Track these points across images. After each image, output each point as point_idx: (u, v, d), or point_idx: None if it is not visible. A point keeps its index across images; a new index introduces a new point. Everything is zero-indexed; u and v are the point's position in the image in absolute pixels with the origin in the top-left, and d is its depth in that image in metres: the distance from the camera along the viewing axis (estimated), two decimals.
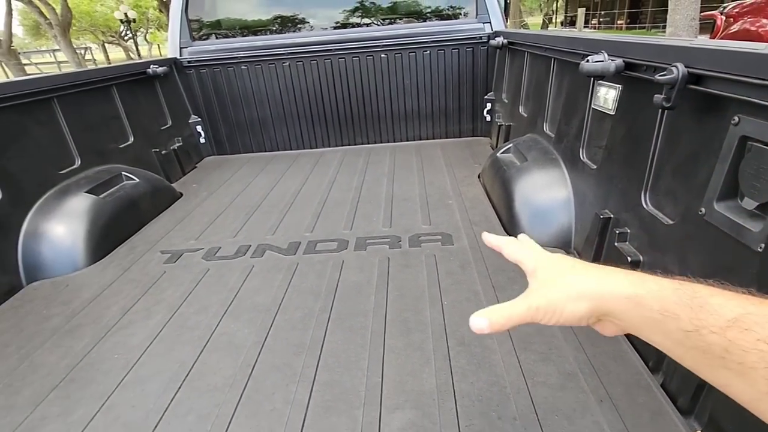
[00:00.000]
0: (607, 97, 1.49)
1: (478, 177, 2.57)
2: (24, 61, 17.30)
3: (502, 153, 2.29)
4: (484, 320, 0.49)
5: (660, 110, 1.17)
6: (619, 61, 1.31)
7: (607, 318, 0.47)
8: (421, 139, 3.45)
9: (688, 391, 1.01)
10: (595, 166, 1.59)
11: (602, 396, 1.07)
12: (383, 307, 1.47)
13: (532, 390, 1.10)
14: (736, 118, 0.91)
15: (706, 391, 0.97)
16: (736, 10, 5.53)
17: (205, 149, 3.46)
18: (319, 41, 3.17)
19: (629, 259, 1.28)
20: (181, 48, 3.23)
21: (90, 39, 32.79)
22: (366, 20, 3.32)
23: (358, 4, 3.31)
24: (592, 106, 1.61)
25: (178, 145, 3.09)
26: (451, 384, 1.14)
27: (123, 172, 2.34)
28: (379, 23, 3.32)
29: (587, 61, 1.38)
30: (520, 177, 1.98)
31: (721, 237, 0.94)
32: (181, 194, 2.69)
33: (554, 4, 30.18)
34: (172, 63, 3.18)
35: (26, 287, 1.77)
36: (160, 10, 23.33)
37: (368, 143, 3.45)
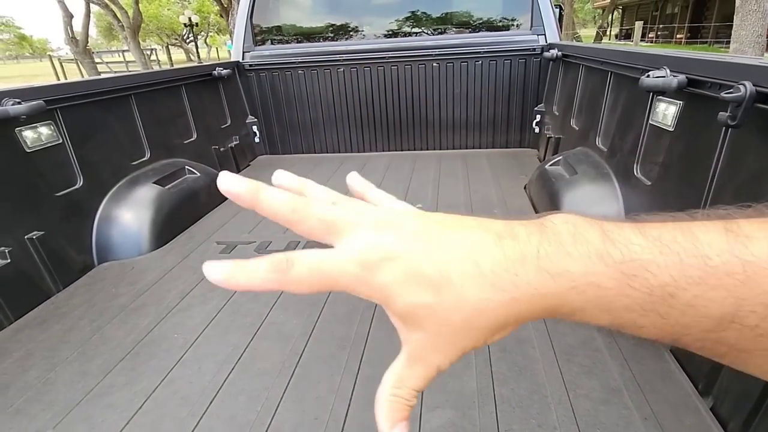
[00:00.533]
0: (666, 113, 1.47)
1: (525, 188, 2.56)
2: (96, 60, 18.65)
3: (550, 165, 2.28)
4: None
5: (724, 128, 1.14)
6: (682, 77, 1.29)
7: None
8: (467, 148, 3.46)
9: (740, 415, 0.98)
10: (649, 183, 1.56)
11: (647, 414, 1.05)
12: None
13: (573, 402, 1.10)
14: None
15: (761, 417, 0.94)
16: None
17: (259, 148, 3.63)
18: (373, 49, 3.27)
19: None
20: (244, 52, 3.41)
21: (155, 41, 34.93)
22: (419, 29, 3.38)
23: (412, 14, 3.38)
24: (650, 121, 1.58)
25: (235, 143, 3.26)
26: (492, 388, 1.16)
27: (186, 166, 2.51)
28: (432, 33, 3.37)
29: (648, 76, 1.37)
30: (568, 190, 1.96)
31: None
32: None
33: (609, 17, 29.24)
34: (235, 66, 3.37)
35: (97, 267, 1.94)
36: (221, 15, 24.53)
37: (415, 150, 3.50)
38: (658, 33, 26.89)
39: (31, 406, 1.19)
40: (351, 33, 3.45)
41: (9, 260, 1.59)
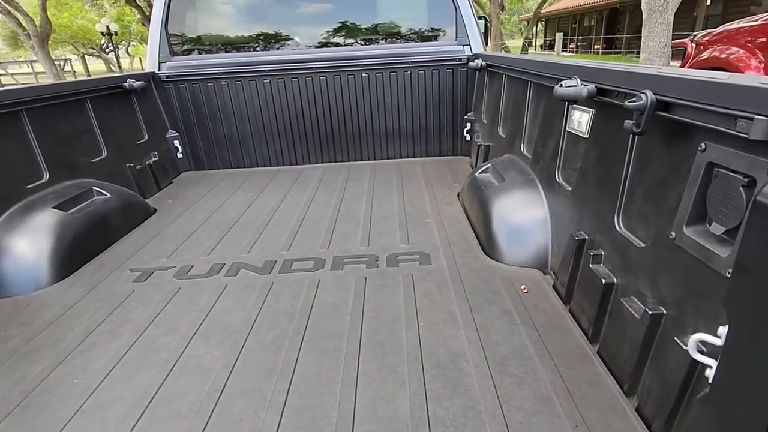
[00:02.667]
0: (581, 120, 1.52)
1: (458, 196, 2.58)
2: (0, 72, 16.90)
3: (480, 173, 2.31)
4: None
5: (630, 135, 1.19)
6: (592, 86, 1.33)
7: None
8: (401, 158, 3.46)
9: (662, 415, 1.01)
10: (570, 188, 1.61)
11: (577, 421, 1.05)
12: (358, 329, 1.44)
13: (507, 415, 1.08)
14: (703, 145, 0.93)
15: (680, 415, 0.97)
16: (707, 38, 5.77)
17: (183, 164, 3.40)
18: (301, 59, 3.18)
19: (603, 281, 1.28)
20: (159, 63, 3.19)
21: (70, 50, 32.35)
22: (347, 40, 3.35)
23: (340, 24, 3.34)
24: (567, 129, 1.64)
25: (154, 160, 3.03)
26: (426, 409, 1.11)
27: (94, 187, 2.28)
28: (360, 43, 3.35)
29: (561, 85, 1.41)
30: (497, 197, 1.99)
31: (691, 261, 0.95)
32: (155, 210, 2.62)
33: (534, 28, 31.17)
34: (150, 78, 3.14)
35: None
36: (143, 24, 23.22)
37: (349, 161, 3.45)
38: (578, 44, 29.03)
39: None
40: (277, 43, 3.34)
41: None
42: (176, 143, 3.33)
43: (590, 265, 1.36)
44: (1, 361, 1.38)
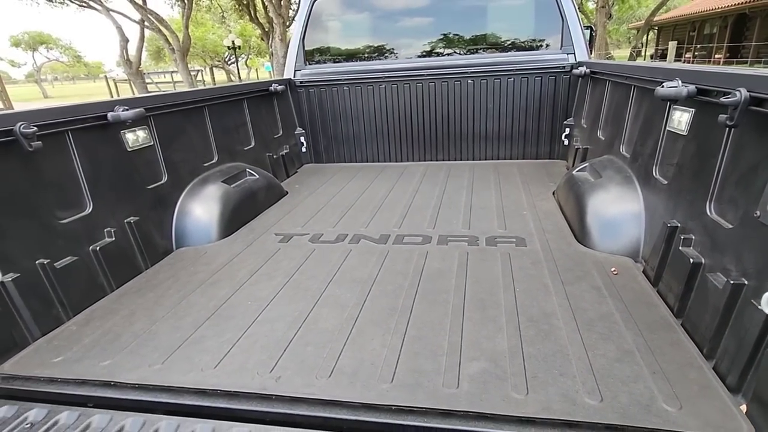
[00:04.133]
0: (681, 119, 1.66)
1: (553, 194, 2.74)
2: (147, 81, 19.96)
3: (577, 171, 2.47)
4: None
5: (726, 129, 1.33)
6: (692, 87, 1.48)
7: None
8: (499, 159, 3.67)
9: (737, 369, 1.15)
10: (666, 182, 1.74)
11: (655, 369, 1.23)
12: (462, 290, 1.71)
13: (592, 359, 1.29)
14: None
15: (753, 372, 1.11)
16: None
17: (305, 157, 3.95)
18: (412, 67, 3.56)
19: (692, 260, 1.42)
20: (295, 70, 3.77)
21: (198, 63, 36.85)
22: (456, 50, 3.66)
23: (449, 35, 3.66)
24: (667, 128, 1.77)
25: (285, 151, 3.60)
26: (521, 348, 1.36)
27: (247, 169, 2.83)
28: (467, 52, 3.64)
29: (662, 86, 1.57)
30: (593, 191, 2.15)
31: None
32: (287, 192, 3.14)
33: (644, 37, 28.91)
34: (287, 83, 3.73)
35: (176, 251, 2.25)
36: (262, 39, 25.78)
37: (449, 160, 3.74)
38: (695, 53, 26.38)
39: (141, 349, 1.47)
40: (391, 53, 3.76)
41: (114, 239, 1.91)
42: (302, 139, 3.89)
43: (680, 248, 1.50)
44: (195, 286, 1.88)
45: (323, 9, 3.75)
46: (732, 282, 1.20)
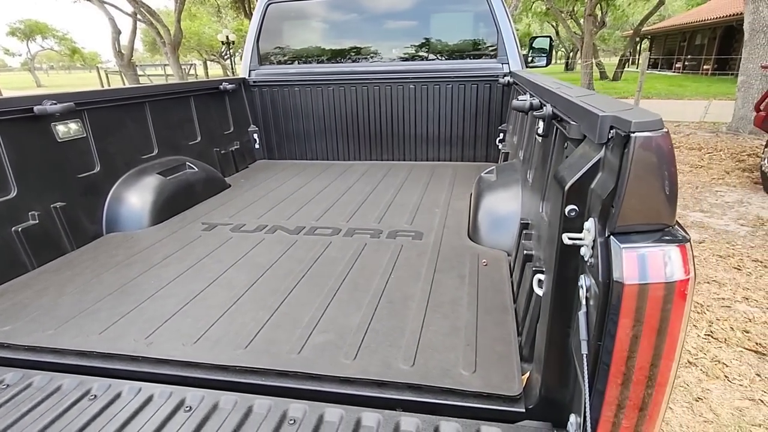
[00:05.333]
0: (539, 127, 1.86)
1: (470, 195, 2.95)
2: (139, 73, 20.05)
3: (486, 173, 2.67)
4: None
5: (550, 138, 1.54)
6: (536, 100, 1.69)
7: None
8: (438, 161, 3.88)
9: (528, 344, 1.35)
10: (531, 183, 1.94)
11: (470, 342, 1.43)
12: (344, 275, 1.91)
13: (423, 334, 1.48)
14: (566, 144, 1.27)
15: (535, 345, 1.31)
16: None
17: (258, 153, 4.14)
18: (359, 71, 3.75)
19: (525, 252, 1.62)
20: (250, 70, 3.96)
21: (195, 56, 36.92)
22: (398, 56, 3.86)
23: (392, 42, 3.86)
24: (535, 135, 1.97)
25: (236, 147, 3.78)
26: (368, 324, 1.55)
27: (187, 162, 3.02)
28: (409, 59, 3.83)
29: (517, 99, 1.77)
30: (488, 192, 2.35)
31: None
32: (230, 186, 3.33)
33: (637, 46, 29.22)
34: (241, 82, 3.91)
35: (105, 235, 2.44)
36: None
37: (392, 160, 3.94)
38: (685, 63, 26.74)
39: (42, 318, 1.65)
40: (339, 58, 3.95)
41: (37, 221, 2.09)
42: (255, 136, 4.08)
43: (523, 241, 1.70)
44: (111, 266, 2.06)
45: (277, 13, 3.93)
46: (534, 269, 1.40)
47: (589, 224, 0.91)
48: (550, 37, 5.01)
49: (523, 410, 1.18)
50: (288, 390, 1.30)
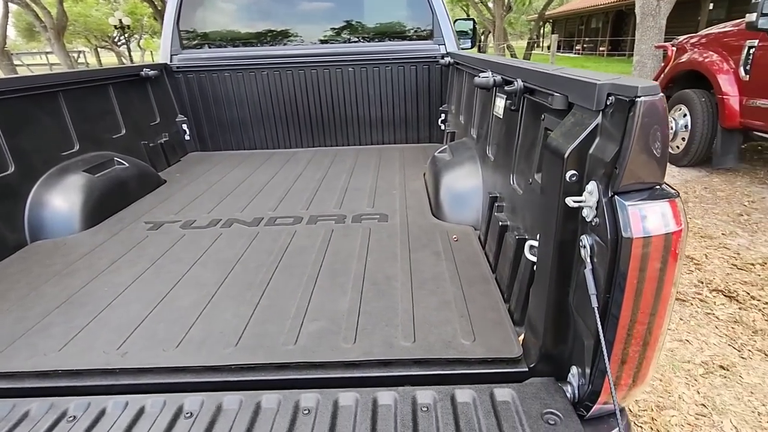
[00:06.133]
0: (499, 105, 1.94)
1: (424, 174, 3.01)
2: (16, 62, 17.51)
3: (439, 152, 2.73)
4: None
5: (519, 112, 1.61)
6: (499, 77, 1.75)
7: None
8: (383, 144, 3.89)
9: (519, 309, 1.43)
10: (493, 159, 2.03)
11: (463, 313, 1.48)
12: (320, 262, 1.87)
13: (415, 311, 1.51)
14: (543, 116, 1.35)
15: (528, 308, 1.39)
16: (689, 42, 6.14)
17: (190, 145, 3.85)
18: (294, 54, 3.62)
19: (500, 223, 1.70)
20: (171, 55, 3.64)
21: (82, 43, 33.04)
22: (336, 38, 3.78)
23: (330, 24, 3.77)
24: (493, 112, 2.06)
25: (164, 139, 3.48)
26: (358, 307, 1.54)
27: (115, 158, 2.73)
28: (347, 41, 3.78)
29: (479, 76, 1.83)
30: (446, 170, 2.41)
31: (536, 196, 1.37)
32: (165, 181, 3.07)
33: (541, 30, 31.37)
34: (163, 68, 3.59)
35: (31, 244, 2.14)
36: (155, 18, 23.79)
37: (337, 146, 3.88)
38: (584, 46, 29.23)
39: None
40: (273, 40, 3.78)
41: None
42: (184, 126, 3.78)
43: (495, 213, 1.79)
44: (49, 277, 1.82)
45: None
46: (517, 237, 1.48)
47: (591, 187, 0.97)
48: (473, 19, 5.21)
49: (526, 369, 1.25)
50: (294, 381, 1.25)
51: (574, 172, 1.01)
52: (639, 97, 0.84)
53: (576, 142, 1.00)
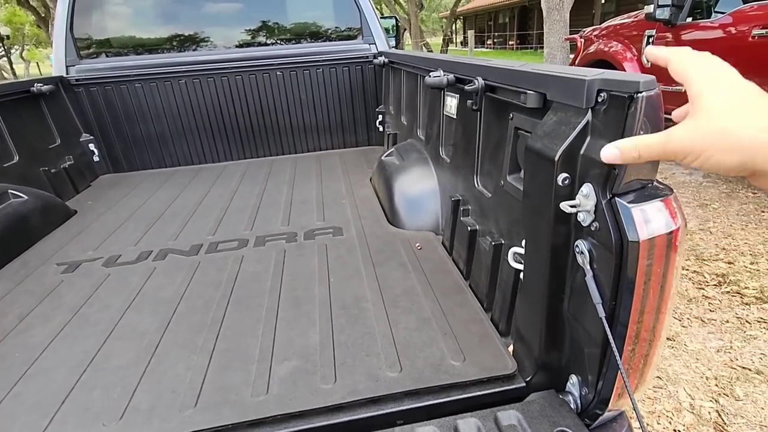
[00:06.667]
0: (451, 104, 1.87)
1: (370, 180, 2.89)
2: None
3: (386, 156, 2.63)
4: (613, 148, 0.63)
5: (478, 112, 1.54)
6: (451, 76, 1.68)
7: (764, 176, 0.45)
8: (322, 150, 3.71)
9: (504, 318, 1.36)
10: (449, 160, 1.96)
11: (446, 331, 1.38)
12: (277, 289, 1.68)
13: (395, 333, 1.38)
14: (511, 115, 1.28)
15: (514, 317, 1.32)
16: (594, 33, 6.58)
17: (100, 167, 3.40)
18: (214, 59, 3.32)
19: (469, 228, 1.63)
20: (68, 66, 3.18)
21: None
22: (259, 40, 3.53)
23: (252, 25, 3.51)
24: (444, 112, 1.99)
25: (69, 163, 3.03)
26: (332, 338, 1.39)
27: (9, 190, 2.30)
28: (272, 43, 3.55)
29: (429, 76, 1.74)
30: (398, 174, 2.31)
31: (512, 200, 1.31)
32: (76, 211, 2.66)
33: (453, 26, 32.53)
34: (59, 81, 3.12)
35: None
36: (38, 26, 21.30)
37: (271, 155, 3.64)
38: (494, 40, 30.77)
39: None
40: (189, 45, 3.45)
41: None
42: (91, 146, 3.33)
43: (461, 218, 1.71)
44: None
45: None
46: (493, 243, 1.41)
47: (587, 189, 0.91)
48: (395, 17, 5.17)
49: (524, 384, 1.18)
50: None
51: (567, 175, 0.94)
52: (640, 92, 0.79)
53: (566, 143, 0.93)
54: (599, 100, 0.88)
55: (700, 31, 4.55)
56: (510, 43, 27.38)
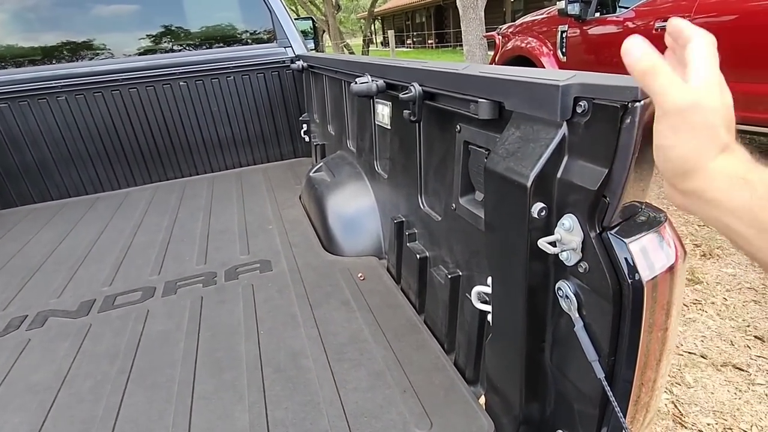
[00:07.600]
0: (383, 113, 1.65)
1: (299, 198, 2.60)
2: None
3: (314, 172, 2.36)
4: (637, 48, 0.55)
5: (417, 123, 1.33)
6: (381, 81, 1.45)
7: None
8: (242, 166, 3.34)
9: (470, 363, 1.16)
10: (386, 176, 1.73)
11: (405, 386, 1.16)
12: (193, 353, 1.36)
13: (344, 398, 1.13)
14: (459, 127, 1.08)
15: (482, 359, 1.13)
16: (510, 30, 6.71)
17: None
18: (102, 71, 2.84)
19: (418, 256, 1.42)
20: None
21: None
22: (158, 47, 3.09)
23: (148, 30, 3.06)
24: (375, 122, 1.76)
25: None
26: (265, 416, 1.10)
27: None
28: (172, 50, 3.12)
29: (356, 82, 1.50)
30: (330, 193, 2.05)
31: (468, 226, 1.11)
32: None
33: (372, 26, 32.65)
34: None
35: None
36: None
37: (183, 177, 3.20)
38: (413, 40, 31.28)
39: None
40: (69, 54, 2.92)
41: None
42: None
43: (407, 244, 1.50)
44: None
45: None
46: (450, 275, 1.21)
47: (569, 222, 0.73)
48: (312, 18, 4.89)
49: None
50: None
51: (543, 205, 0.75)
52: (639, 101, 0.60)
53: (538, 166, 0.73)
54: (578, 110, 0.70)
55: (608, 25, 4.74)
56: (429, 41, 27.95)
